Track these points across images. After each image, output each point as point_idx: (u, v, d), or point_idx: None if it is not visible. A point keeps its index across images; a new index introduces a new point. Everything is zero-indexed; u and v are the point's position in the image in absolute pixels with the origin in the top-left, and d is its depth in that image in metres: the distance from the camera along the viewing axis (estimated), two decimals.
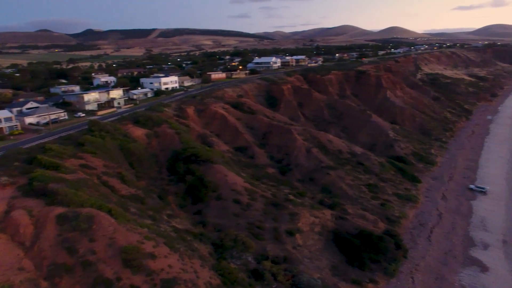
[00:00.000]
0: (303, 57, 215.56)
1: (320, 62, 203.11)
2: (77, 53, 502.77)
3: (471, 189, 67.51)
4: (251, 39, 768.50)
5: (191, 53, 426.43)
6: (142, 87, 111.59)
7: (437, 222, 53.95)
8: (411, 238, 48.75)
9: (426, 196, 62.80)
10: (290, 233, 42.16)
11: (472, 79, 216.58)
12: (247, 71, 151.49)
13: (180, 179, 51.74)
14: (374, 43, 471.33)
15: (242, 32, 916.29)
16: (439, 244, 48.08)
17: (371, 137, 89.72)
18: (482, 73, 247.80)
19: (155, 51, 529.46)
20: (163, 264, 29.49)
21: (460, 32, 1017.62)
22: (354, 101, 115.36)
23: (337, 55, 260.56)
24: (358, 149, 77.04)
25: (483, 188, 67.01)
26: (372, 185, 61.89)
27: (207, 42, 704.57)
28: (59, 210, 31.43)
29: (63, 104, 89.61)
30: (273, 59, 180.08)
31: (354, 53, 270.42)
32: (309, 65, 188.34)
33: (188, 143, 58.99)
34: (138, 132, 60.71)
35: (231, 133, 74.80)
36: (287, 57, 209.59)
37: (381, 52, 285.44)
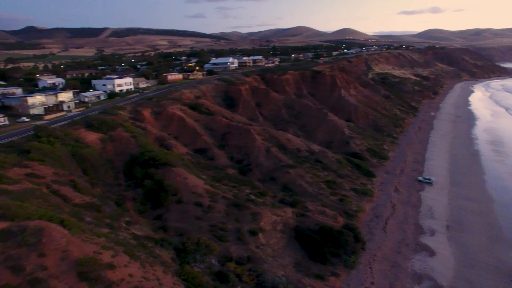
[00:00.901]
0: (260, 57, 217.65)
1: (277, 63, 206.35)
2: (17, 52, 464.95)
3: (420, 180, 72.37)
4: (208, 40, 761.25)
5: (146, 53, 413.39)
6: (94, 89, 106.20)
7: (391, 214, 57.14)
8: (368, 230, 51.18)
9: (381, 190, 66.24)
10: (253, 233, 42.44)
11: (417, 79, 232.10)
12: (204, 72, 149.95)
13: (138, 184, 50.00)
14: (328, 43, 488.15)
15: (198, 32, 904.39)
16: (393, 234, 50.96)
17: (328, 135, 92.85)
18: (425, 73, 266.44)
19: (107, 51, 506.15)
20: (123, 274, 28.29)
21: (405, 35, 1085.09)
22: (310, 100, 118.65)
23: (293, 55, 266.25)
24: (316, 147, 79.35)
25: (429, 179, 72.14)
26: (330, 182, 64.05)
27: (162, 43, 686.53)
28: (1, 225, 28.84)
29: (3, 108, 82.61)
30: (230, 59, 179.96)
31: (309, 54, 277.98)
32: (266, 65, 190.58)
33: (145, 147, 57.17)
34: (92, 136, 57.71)
35: (190, 135, 73.67)
36: (244, 58, 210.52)
37: (335, 53, 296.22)
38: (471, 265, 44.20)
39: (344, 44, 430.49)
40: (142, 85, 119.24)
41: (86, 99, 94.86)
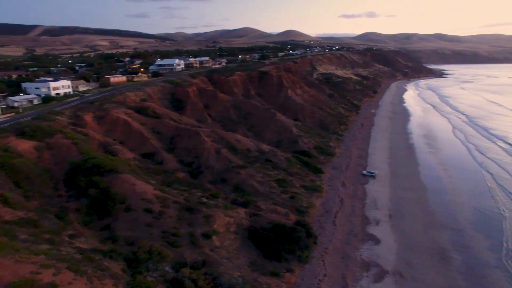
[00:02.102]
0: (207, 58, 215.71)
1: (224, 64, 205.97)
2: None
3: (364, 174, 76.85)
4: (152, 40, 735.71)
5: (85, 54, 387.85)
6: (26, 93, 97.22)
7: (340, 207, 59.94)
8: (319, 225, 53.16)
9: (329, 185, 69.16)
10: (207, 236, 41.93)
11: (358, 78, 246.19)
12: (149, 74, 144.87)
13: (82, 193, 46.84)
14: (274, 45, 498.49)
15: (141, 33, 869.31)
16: (342, 226, 53.52)
17: (277, 134, 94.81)
18: (364, 73, 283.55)
19: (39, 51, 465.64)
20: None
21: (345, 37, 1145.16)
22: (258, 101, 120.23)
23: (240, 56, 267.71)
24: (265, 147, 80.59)
25: (372, 173, 76.93)
26: (281, 180, 65.41)
27: (103, 43, 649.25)
28: None
29: None
30: (177, 61, 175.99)
31: (256, 55, 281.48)
32: (213, 66, 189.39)
33: (88, 154, 53.74)
34: (24, 145, 52.81)
35: (136, 139, 70.73)
36: (191, 59, 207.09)
37: (280, 54, 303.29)
38: (410, 248, 47.95)
39: (289, 45, 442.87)
40: (82, 88, 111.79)
41: (16, 104, 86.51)
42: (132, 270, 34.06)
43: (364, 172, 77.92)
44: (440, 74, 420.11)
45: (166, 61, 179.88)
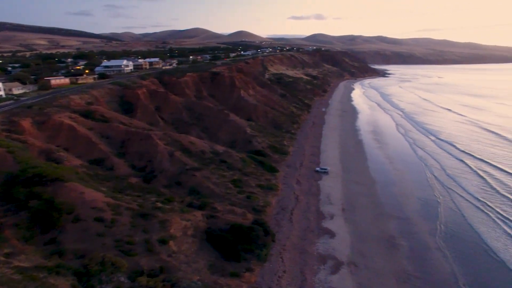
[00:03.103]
0: (157, 59, 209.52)
1: (174, 65, 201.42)
2: None
3: (317, 171, 79.45)
4: (97, 40, 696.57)
5: (19, 54, 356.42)
6: None
7: (295, 204, 61.36)
8: (276, 222, 53.97)
9: (284, 183, 70.51)
10: (163, 242, 40.67)
11: (308, 78, 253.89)
12: (95, 76, 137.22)
13: (21, 206, 42.97)
14: (225, 45, 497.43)
15: (85, 32, 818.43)
16: (299, 223, 54.84)
17: (231, 135, 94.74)
18: (314, 72, 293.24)
19: None
20: None
21: (295, 38, 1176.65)
22: (211, 102, 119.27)
23: (191, 57, 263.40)
24: (220, 148, 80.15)
25: (325, 169, 79.80)
26: (236, 181, 65.44)
27: (40, 42, 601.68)
28: None
29: None
30: (125, 62, 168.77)
31: (207, 55, 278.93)
32: (163, 67, 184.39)
33: (27, 163, 49.47)
34: None
35: (84, 145, 66.64)
36: (140, 60, 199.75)
37: (232, 54, 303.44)
38: (363, 239, 50.49)
39: (240, 46, 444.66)
40: (16, 91, 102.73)
41: None
42: (83, 285, 32.01)
43: (317, 168, 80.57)
44: (383, 74, 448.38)
45: (113, 62, 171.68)
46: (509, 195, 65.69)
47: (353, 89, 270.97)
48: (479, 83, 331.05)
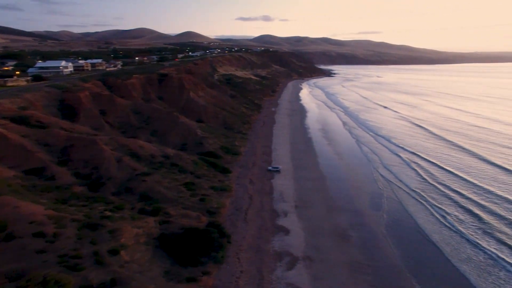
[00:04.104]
0: (99, 60, 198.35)
1: (119, 66, 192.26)
2: None
3: (269, 170, 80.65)
4: (29, 39, 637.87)
5: None
6: None
7: (249, 204, 61.70)
8: (231, 223, 53.84)
9: (237, 184, 70.59)
10: (114, 252, 38.56)
11: (257, 78, 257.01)
12: (28, 78, 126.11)
13: None
14: (172, 46, 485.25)
15: (13, 29, 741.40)
16: (253, 222, 55.20)
17: (181, 137, 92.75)
18: (263, 73, 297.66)
19: None
20: None
21: (243, 39, 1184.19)
22: (160, 104, 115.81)
23: (137, 58, 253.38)
24: (170, 151, 78.11)
25: (277, 168, 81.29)
26: (189, 184, 64.21)
27: None
28: None
29: None
30: (63, 63, 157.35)
31: (155, 56, 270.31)
32: (107, 69, 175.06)
33: None
34: None
35: (17, 154, 60.87)
36: (81, 61, 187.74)
37: (180, 55, 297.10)
38: (316, 234, 52.20)
39: (188, 47, 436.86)
40: None
41: None
42: None
43: (270, 167, 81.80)
44: (329, 74, 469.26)
45: (50, 63, 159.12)
46: (436, 184, 72.16)
47: (301, 88, 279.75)
48: (412, 82, 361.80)
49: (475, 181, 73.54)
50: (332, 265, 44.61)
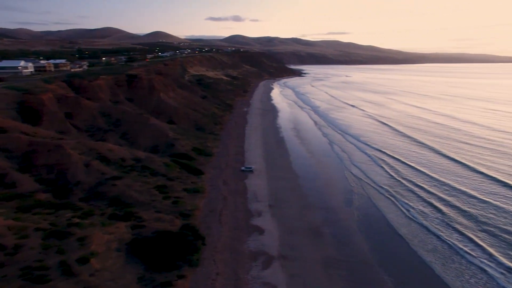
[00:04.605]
0: (63, 61, 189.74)
1: (85, 67, 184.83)
2: None
3: (242, 170, 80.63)
4: None
5: None
6: None
7: (224, 205, 61.39)
8: (206, 225, 53.33)
9: (211, 185, 70.03)
10: (84, 261, 37.12)
11: (229, 79, 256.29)
12: None
13: None
14: (141, 46, 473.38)
15: None
16: (228, 223, 54.98)
17: (152, 140, 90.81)
18: (234, 73, 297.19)
19: None
20: None
21: (214, 39, 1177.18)
22: (129, 106, 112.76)
23: (103, 58, 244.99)
24: (141, 154, 76.30)
25: (250, 168, 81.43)
26: (161, 186, 63.02)
27: None
28: None
29: None
30: (22, 63, 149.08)
31: (123, 57, 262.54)
32: (72, 70, 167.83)
33: None
34: None
35: None
36: (43, 61, 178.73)
37: (149, 56, 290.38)
38: (291, 232, 52.80)
39: (158, 47, 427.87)
40: None
41: None
42: None
43: (243, 168, 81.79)
44: (299, 74, 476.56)
45: (7, 63, 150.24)
46: (402, 180, 75.15)
47: (272, 88, 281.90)
48: (378, 81, 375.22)
49: (436, 176, 77.46)
50: (307, 262, 45.30)
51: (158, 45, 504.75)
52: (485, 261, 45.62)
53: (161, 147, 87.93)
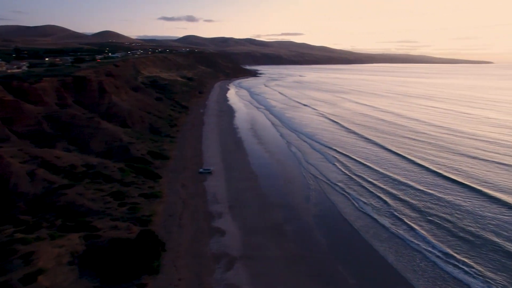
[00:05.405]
0: None
1: (25, 68, 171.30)
2: None
3: (201, 172, 79.58)
4: None
5: None
6: None
7: (183, 209, 60.16)
8: (165, 230, 51.88)
9: (169, 189, 68.29)
10: (29, 279, 34.38)
11: (184, 80, 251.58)
12: None
13: None
14: (89, 46, 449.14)
15: None
16: (188, 227, 53.95)
17: (105, 144, 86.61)
18: (189, 74, 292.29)
19: None
20: None
21: (168, 40, 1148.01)
22: (78, 110, 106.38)
23: (47, 59, 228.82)
24: (94, 160, 72.47)
25: (209, 170, 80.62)
26: (116, 193, 60.36)
27: None
28: None
29: None
30: None
31: (69, 57, 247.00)
32: (9, 71, 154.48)
33: None
34: None
35: None
36: None
37: (99, 56, 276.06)
38: (252, 232, 53.03)
39: (108, 48, 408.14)
40: None
41: None
42: None
43: (201, 170, 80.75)
44: (255, 74, 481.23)
45: None
46: (354, 176, 78.51)
47: (228, 89, 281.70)
48: (330, 81, 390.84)
49: (384, 171, 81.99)
50: (270, 260, 45.79)
51: (108, 45, 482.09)
52: (430, 248, 49.14)
53: (115, 151, 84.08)
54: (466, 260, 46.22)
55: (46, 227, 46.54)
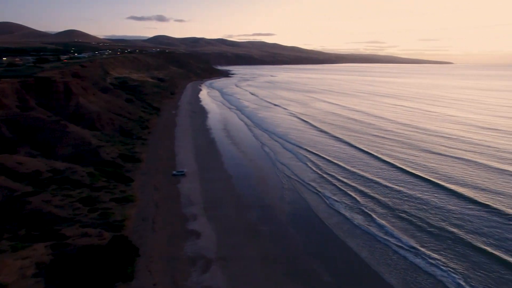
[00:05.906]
0: None
1: None
2: None
3: (174, 174, 78.33)
4: None
5: None
6: None
7: (156, 212, 58.94)
8: (139, 235, 50.61)
9: (142, 192, 66.68)
10: None
11: (154, 81, 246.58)
12: None
13: None
14: (54, 46, 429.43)
15: None
16: (162, 230, 52.92)
17: (73, 148, 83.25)
18: (160, 75, 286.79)
19: None
20: None
21: (137, 40, 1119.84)
22: (42, 112, 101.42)
23: (4, 58, 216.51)
24: (60, 165, 69.50)
25: (182, 172, 79.48)
26: (86, 199, 58.20)
27: None
28: None
29: None
30: None
31: (31, 57, 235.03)
32: None
33: None
34: None
35: None
36: None
37: (64, 57, 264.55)
38: (228, 233, 52.82)
39: (74, 47, 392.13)
40: None
41: None
42: None
43: (174, 172, 79.48)
44: (227, 74, 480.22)
45: None
46: (325, 175, 79.80)
47: (200, 90, 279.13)
48: (301, 81, 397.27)
49: (354, 169, 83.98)
50: (246, 261, 45.79)
51: (73, 45, 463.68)
52: (399, 244, 50.95)
53: (83, 155, 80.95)
54: (431, 253, 48.39)
55: (7, 238, 44.05)
